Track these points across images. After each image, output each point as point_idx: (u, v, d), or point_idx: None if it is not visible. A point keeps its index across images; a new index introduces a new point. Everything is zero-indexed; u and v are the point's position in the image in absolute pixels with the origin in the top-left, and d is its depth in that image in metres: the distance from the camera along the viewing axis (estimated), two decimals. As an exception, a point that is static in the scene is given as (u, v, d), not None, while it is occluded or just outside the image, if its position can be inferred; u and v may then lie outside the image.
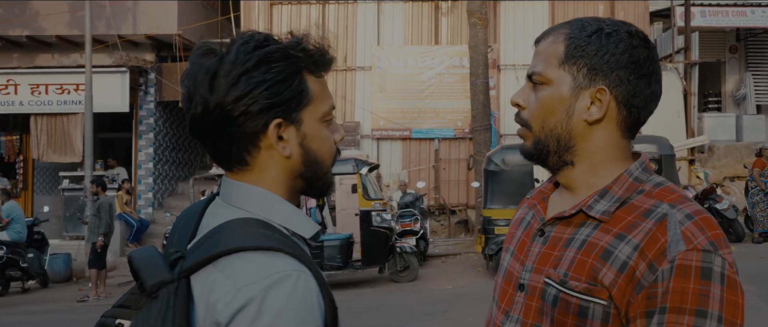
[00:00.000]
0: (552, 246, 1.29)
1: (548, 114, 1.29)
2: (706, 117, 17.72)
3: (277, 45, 1.21)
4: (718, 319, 1.12)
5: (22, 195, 17.20)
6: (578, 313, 1.21)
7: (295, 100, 1.21)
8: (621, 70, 1.25)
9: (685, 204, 1.21)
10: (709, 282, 1.13)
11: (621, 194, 1.26)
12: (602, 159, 1.30)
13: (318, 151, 1.26)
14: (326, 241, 11.00)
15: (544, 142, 1.31)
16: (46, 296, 11.84)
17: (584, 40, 1.27)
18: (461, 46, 16.86)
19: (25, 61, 16.30)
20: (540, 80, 1.30)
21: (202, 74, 1.19)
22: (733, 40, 19.62)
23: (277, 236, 1.16)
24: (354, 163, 11.15)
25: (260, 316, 1.06)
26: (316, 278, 1.13)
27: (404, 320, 8.17)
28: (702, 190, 13.14)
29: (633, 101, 1.27)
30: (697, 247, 1.15)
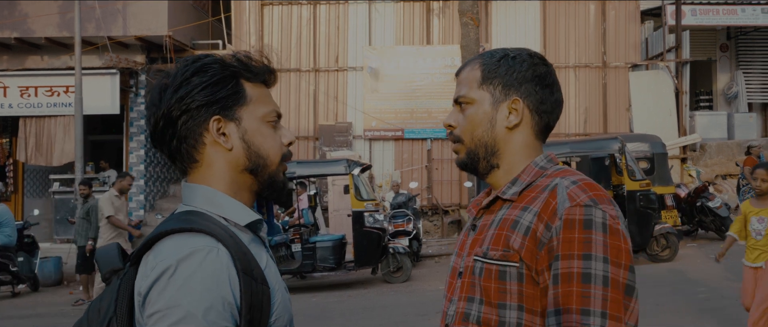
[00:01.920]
0: (480, 232, 1.55)
1: (476, 127, 1.57)
2: (697, 115, 17.75)
3: (213, 58, 1.42)
4: (603, 260, 1.34)
5: (12, 198, 17.07)
6: (498, 277, 1.44)
7: (230, 98, 1.39)
8: (528, 83, 1.55)
9: (574, 175, 1.48)
10: (590, 230, 1.37)
11: (528, 179, 1.52)
12: (519, 158, 1.56)
13: (261, 147, 1.41)
14: (319, 242, 10.95)
15: (475, 151, 1.57)
16: (37, 300, 11.74)
17: (495, 64, 1.57)
18: (453, 45, 16.85)
19: (14, 63, 16.19)
20: (465, 101, 1.58)
21: (155, 91, 1.40)
22: (724, 38, 19.67)
23: (202, 221, 1.31)
24: (346, 164, 11.11)
25: (169, 284, 1.22)
26: (232, 255, 1.26)
27: (397, 321, 8.13)
28: (694, 188, 13.15)
29: (542, 107, 1.56)
30: (580, 203, 1.39)
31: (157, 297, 1.23)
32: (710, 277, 9.31)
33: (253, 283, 1.28)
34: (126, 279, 1.32)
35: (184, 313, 1.20)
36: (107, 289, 1.36)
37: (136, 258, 1.32)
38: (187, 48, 16.10)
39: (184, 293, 1.21)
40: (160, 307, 1.22)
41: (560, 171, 1.52)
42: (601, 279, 1.33)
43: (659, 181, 12.06)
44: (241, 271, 1.26)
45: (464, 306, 1.50)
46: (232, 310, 1.24)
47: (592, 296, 1.33)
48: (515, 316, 1.42)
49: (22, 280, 12.16)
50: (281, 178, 1.45)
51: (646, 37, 18.44)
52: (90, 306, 1.38)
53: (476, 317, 1.47)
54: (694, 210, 12.81)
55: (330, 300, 10.07)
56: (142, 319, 1.26)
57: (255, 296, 1.28)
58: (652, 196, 10.89)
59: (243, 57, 1.43)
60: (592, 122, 17.18)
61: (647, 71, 17.58)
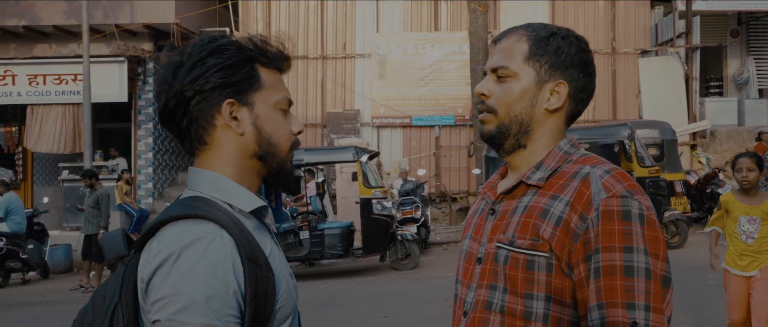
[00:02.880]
0: (501, 218, 1.50)
1: (514, 102, 1.50)
2: (707, 102, 17.63)
3: (229, 40, 1.39)
4: (644, 252, 1.33)
5: (22, 186, 17.16)
6: (526, 267, 1.41)
7: (245, 82, 1.36)
8: (574, 68, 1.50)
9: (604, 164, 1.44)
10: (630, 222, 1.35)
11: (554, 164, 1.48)
12: (546, 142, 1.52)
13: (272, 133, 1.39)
14: (327, 230, 10.96)
15: (508, 126, 1.51)
16: (47, 287, 11.82)
17: (545, 40, 1.50)
18: (461, 32, 16.76)
19: (23, 52, 16.22)
20: (507, 74, 1.51)
21: (168, 68, 1.37)
22: (735, 23, 19.49)
23: (206, 207, 1.30)
24: (354, 151, 11.10)
25: (173, 271, 1.21)
26: (236, 242, 1.25)
27: (405, 308, 8.14)
28: (704, 175, 13.08)
29: (580, 95, 1.53)
30: (616, 194, 1.37)
31: (160, 284, 1.21)
32: (720, 264, 9.25)
33: (258, 270, 1.27)
34: (131, 265, 1.30)
35: (187, 300, 1.19)
36: (112, 276, 1.35)
37: (141, 244, 1.30)
38: (194, 35, 16.06)
39: (188, 281, 1.20)
40: (164, 294, 1.21)
41: (586, 157, 1.48)
42: (643, 271, 1.32)
43: (669, 168, 11.99)
44: (246, 258, 1.25)
45: (486, 294, 1.47)
46: (236, 297, 1.23)
47: (636, 289, 1.31)
48: (543, 307, 1.40)
49: (32, 267, 12.24)
50: (289, 166, 1.44)
51: (656, 22, 18.29)
52: (95, 293, 1.36)
53: (500, 306, 1.44)
54: (703, 196, 12.75)
55: (338, 287, 10.09)
56: (145, 306, 1.25)
57: (260, 283, 1.26)
58: (662, 183, 10.83)
59: (259, 41, 1.41)
60: (602, 109, 17.09)
61: (657, 57, 17.45)
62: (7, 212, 11.98)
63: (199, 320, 1.19)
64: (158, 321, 1.21)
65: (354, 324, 7.59)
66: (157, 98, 1.39)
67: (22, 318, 9.05)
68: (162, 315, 1.20)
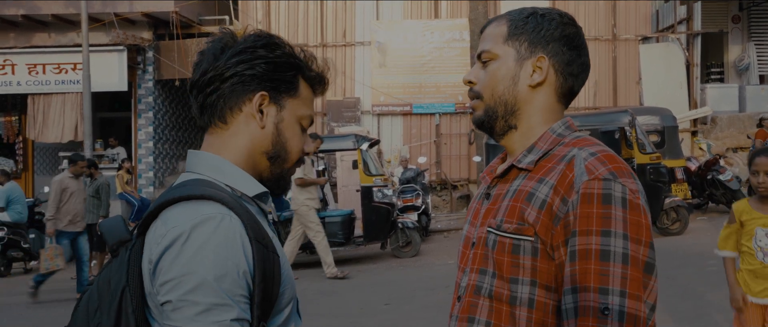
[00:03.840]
0: (494, 202, 1.50)
1: (497, 83, 1.51)
2: (708, 88, 17.59)
3: (285, 42, 1.43)
4: (622, 237, 1.29)
5: (23, 176, 17.16)
6: (512, 251, 1.40)
7: (285, 84, 1.39)
8: (555, 42, 1.49)
9: (593, 146, 1.41)
10: (610, 205, 1.31)
11: (546, 147, 1.46)
12: (538, 121, 1.50)
13: (288, 140, 1.42)
14: (328, 218, 10.96)
15: (494, 109, 1.51)
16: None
17: (523, 20, 1.51)
18: (461, 19, 16.70)
19: (22, 41, 16.17)
20: (489, 57, 1.52)
21: (216, 45, 1.39)
22: (736, 9, 19.43)
23: (210, 189, 1.29)
24: (354, 139, 11.09)
25: (182, 251, 1.20)
26: (244, 223, 1.25)
27: (406, 296, 8.16)
28: (705, 161, 13.06)
29: (568, 69, 1.50)
30: (598, 176, 1.34)
31: (169, 265, 1.20)
32: (721, 250, 9.26)
33: (265, 251, 1.27)
34: (135, 249, 1.29)
35: (198, 280, 1.19)
36: (115, 261, 1.34)
37: (144, 227, 1.29)
38: (193, 24, 16.02)
39: (198, 261, 1.19)
40: (174, 274, 1.20)
41: (578, 139, 1.45)
42: (620, 256, 1.28)
43: (670, 155, 11.98)
44: (254, 239, 1.25)
45: (476, 278, 1.47)
46: (246, 277, 1.23)
47: (611, 274, 1.28)
48: (527, 292, 1.38)
49: (34, 256, 12.26)
50: (289, 177, 1.46)
51: (657, 9, 18.22)
52: (98, 279, 1.35)
53: (488, 290, 1.44)
54: (704, 183, 12.73)
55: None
56: (152, 288, 1.24)
57: (267, 264, 1.27)
58: (663, 170, 10.82)
59: (309, 55, 1.45)
60: (602, 95, 17.06)
61: (658, 44, 17.40)
62: (9, 202, 11.99)
63: (211, 300, 1.18)
64: (169, 301, 1.20)
65: (355, 311, 7.61)
66: (196, 67, 1.40)
67: (23, 307, 9.08)
68: (173, 295, 1.19)
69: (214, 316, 1.18)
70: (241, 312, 1.21)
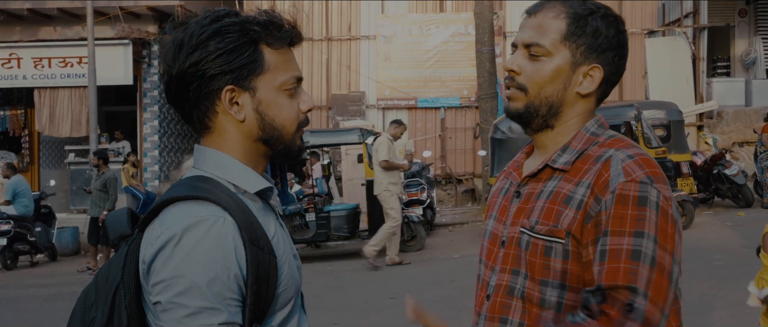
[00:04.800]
0: (526, 201, 1.47)
1: (547, 83, 1.44)
2: (715, 82, 17.51)
3: (234, 19, 1.33)
4: (653, 240, 1.28)
5: (29, 169, 17.21)
6: (544, 253, 1.38)
7: (246, 68, 1.32)
8: (611, 51, 1.44)
9: (630, 148, 1.39)
10: (645, 207, 1.30)
11: (580, 147, 1.44)
12: (575, 123, 1.48)
13: (275, 118, 1.35)
14: (333, 212, 10.97)
15: (537, 107, 1.45)
16: (55, 270, 11.88)
17: (584, 19, 1.42)
18: (466, 13, 16.66)
19: (28, 35, 16.20)
20: (541, 52, 1.43)
21: (171, 46, 1.34)
22: (743, 3, 19.31)
23: (209, 188, 1.29)
24: (359, 133, 11.08)
25: (174, 254, 1.21)
26: (238, 225, 1.24)
27: (411, 290, 8.16)
28: (711, 155, 13.02)
29: (613, 78, 1.47)
30: (635, 179, 1.32)
31: (161, 266, 1.21)
32: (727, 244, 9.25)
33: (260, 253, 1.26)
34: (134, 245, 1.30)
35: (188, 283, 1.19)
36: (115, 255, 1.35)
37: (144, 224, 1.30)
38: (199, 18, 16.01)
39: (189, 264, 1.20)
40: (164, 276, 1.21)
41: (614, 139, 1.43)
42: (650, 259, 1.28)
43: (675, 149, 11.94)
44: (248, 241, 1.24)
45: (509, 279, 1.45)
46: (238, 281, 1.23)
47: (640, 274, 1.27)
48: (556, 295, 1.38)
49: (40, 249, 12.31)
50: (296, 145, 1.41)
51: (663, 2, 18.14)
52: (98, 272, 1.36)
53: (520, 292, 1.43)
54: (710, 177, 12.70)
55: (344, 269, 10.12)
56: (147, 287, 1.25)
57: (261, 267, 1.26)
58: (669, 164, 10.79)
59: (264, 19, 1.36)
60: (608, 90, 16.99)
61: (664, 37, 17.33)
62: (15, 195, 12.02)
63: (200, 303, 1.19)
64: (159, 303, 1.22)
65: (360, 305, 7.62)
66: (161, 77, 1.39)
67: (30, 300, 9.11)
68: (163, 297, 1.21)
69: (202, 319, 1.19)
70: (229, 316, 1.21)
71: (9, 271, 11.62)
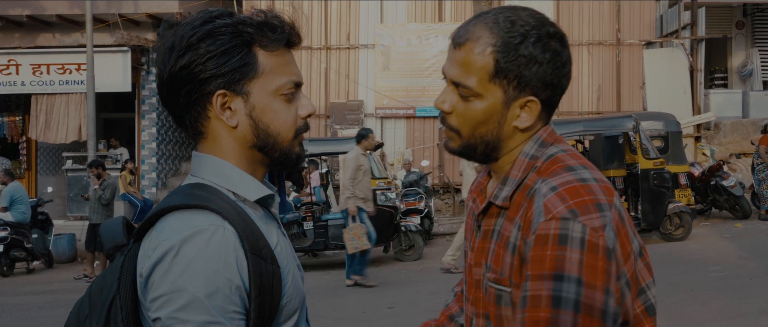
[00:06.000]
0: (483, 239, 1.37)
1: (480, 125, 1.32)
2: (712, 93, 17.58)
3: (227, 20, 1.26)
4: (576, 282, 1.15)
5: (26, 175, 17.19)
6: (495, 301, 1.30)
7: (238, 71, 1.25)
8: (548, 76, 1.28)
9: (556, 176, 1.25)
10: (565, 247, 1.17)
11: (520, 175, 1.32)
12: (519, 150, 1.35)
13: (270, 124, 1.29)
14: (331, 220, 10.96)
15: (473, 146, 1.35)
16: (51, 277, 11.85)
17: (514, 49, 1.27)
18: (465, 23, 16.69)
19: (27, 41, 16.21)
20: (470, 93, 1.31)
21: (162, 48, 1.28)
22: (740, 15, 19.41)
23: (210, 196, 1.23)
24: (358, 142, 11.06)
25: (172, 266, 1.15)
26: (239, 235, 1.18)
27: (409, 299, 8.15)
28: (708, 167, 13.06)
29: (555, 98, 1.33)
30: (556, 216, 1.19)
31: (159, 280, 1.15)
32: (724, 255, 9.25)
33: (263, 263, 1.20)
34: (130, 255, 1.24)
35: (188, 298, 1.13)
36: (110, 266, 1.28)
37: (140, 234, 1.24)
38: (198, 25, 16.05)
39: (189, 277, 1.14)
40: (164, 291, 1.15)
41: (550, 161, 1.30)
42: (572, 303, 1.15)
43: (673, 160, 11.97)
44: (249, 251, 1.19)
45: (484, 324, 1.37)
46: (240, 293, 1.17)
47: (561, 323, 1.15)
48: None
49: (36, 256, 12.27)
50: (294, 152, 1.33)
51: (661, 13, 18.21)
52: (92, 284, 1.30)
53: None
54: (708, 189, 12.73)
55: (342, 277, 10.08)
56: (145, 302, 1.19)
57: (265, 278, 1.20)
58: (666, 175, 10.82)
59: (259, 21, 1.28)
60: (606, 100, 17.04)
61: (662, 49, 17.38)
62: (12, 201, 12.00)
63: (201, 318, 1.13)
64: (159, 319, 1.15)
65: (358, 315, 7.60)
66: (156, 78, 1.31)
67: (26, 307, 9.08)
68: (163, 313, 1.15)
69: None
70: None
71: (5, 278, 11.59)
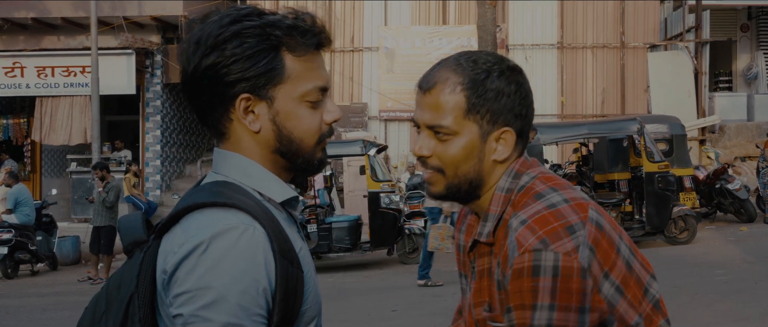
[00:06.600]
0: (479, 279, 1.41)
1: (462, 162, 1.37)
2: (717, 97, 17.54)
3: (255, 21, 1.23)
4: (548, 308, 1.22)
5: (31, 178, 17.22)
6: None
7: (264, 76, 1.22)
8: (516, 107, 1.36)
9: (526, 208, 1.30)
10: (538, 277, 1.22)
11: (498, 210, 1.36)
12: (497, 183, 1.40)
13: (293, 130, 1.26)
14: (334, 223, 10.96)
15: (458, 186, 1.39)
16: (55, 279, 11.87)
17: (481, 88, 1.34)
18: (469, 25, 16.71)
19: (31, 44, 16.25)
20: (447, 132, 1.36)
21: (188, 42, 1.25)
22: (745, 18, 19.38)
23: (238, 195, 1.19)
24: (362, 145, 11.09)
25: (200, 263, 1.11)
26: (269, 235, 1.15)
27: (413, 301, 8.14)
28: (713, 170, 13.02)
29: (525, 129, 1.39)
30: (528, 248, 1.24)
31: (185, 276, 1.11)
32: (729, 259, 9.23)
33: (289, 267, 1.17)
34: (149, 253, 1.20)
35: (215, 295, 1.10)
36: (128, 263, 1.25)
37: (162, 231, 1.20)
38: (202, 28, 16.07)
39: (217, 274, 1.10)
40: (189, 287, 1.11)
41: (522, 193, 1.35)
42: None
43: (678, 163, 11.95)
44: (278, 253, 1.15)
45: None
46: (266, 295, 1.14)
47: None
48: None
49: (40, 258, 12.29)
50: (316, 159, 1.30)
51: (665, 16, 18.20)
52: (109, 281, 1.26)
53: None
54: (712, 192, 12.69)
55: (346, 280, 10.10)
56: (166, 298, 1.15)
57: (290, 281, 1.17)
58: (671, 178, 10.79)
59: (289, 22, 1.25)
60: (610, 103, 17.02)
61: (666, 52, 17.37)
62: (16, 204, 12.02)
63: (225, 318, 1.10)
64: (180, 315, 1.12)
65: (362, 317, 7.59)
66: (181, 71, 1.27)
67: (30, 309, 9.09)
68: (186, 309, 1.11)
69: None
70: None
71: (9, 280, 11.60)
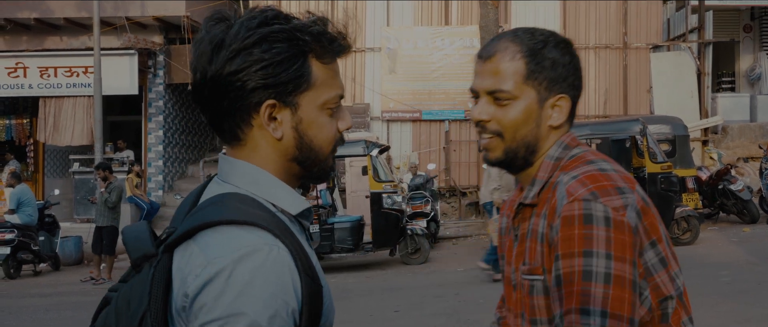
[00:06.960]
0: (521, 243, 1.47)
1: (520, 125, 1.44)
2: (719, 97, 17.51)
3: (284, 25, 1.19)
4: (606, 256, 1.26)
5: (33, 178, 17.24)
6: (529, 292, 1.41)
7: (292, 83, 1.18)
8: (570, 76, 1.45)
9: (577, 169, 1.38)
10: (591, 225, 1.28)
11: (545, 176, 1.44)
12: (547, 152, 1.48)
13: (314, 138, 1.23)
14: (337, 224, 10.96)
15: (515, 150, 1.45)
16: (58, 279, 11.88)
17: (540, 55, 1.42)
18: (472, 26, 16.69)
19: (34, 44, 16.27)
20: (507, 97, 1.42)
21: (207, 44, 1.18)
22: (748, 18, 19.35)
23: (256, 211, 1.15)
24: (364, 145, 11.08)
25: (227, 288, 1.06)
26: (292, 254, 1.11)
27: (415, 302, 8.13)
28: (716, 170, 13.00)
29: (577, 99, 1.48)
30: (578, 198, 1.31)
31: (213, 303, 1.06)
32: (733, 260, 9.21)
33: (312, 284, 1.14)
34: (160, 269, 1.15)
35: (247, 322, 1.05)
36: (137, 279, 1.18)
37: (173, 246, 1.15)
38: (205, 29, 16.08)
39: (246, 299, 1.06)
40: (219, 314, 1.06)
41: (572, 160, 1.43)
42: (602, 276, 1.25)
43: (681, 164, 11.93)
44: (303, 271, 1.12)
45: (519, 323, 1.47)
46: (294, 316, 1.11)
47: (593, 295, 1.25)
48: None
49: (43, 259, 12.31)
50: (328, 166, 1.29)
51: (668, 17, 18.17)
52: (118, 295, 1.21)
53: None
54: (715, 193, 12.67)
55: (348, 281, 10.09)
56: (185, 323, 1.11)
57: (314, 300, 1.14)
58: (674, 179, 10.78)
59: (318, 29, 1.22)
60: (613, 104, 17.00)
61: (669, 52, 17.34)
62: (19, 204, 12.04)
63: None
64: None
65: (364, 318, 7.59)
66: (193, 73, 1.21)
67: (33, 309, 9.10)
68: None
69: None
70: None
71: (12, 280, 11.61)
